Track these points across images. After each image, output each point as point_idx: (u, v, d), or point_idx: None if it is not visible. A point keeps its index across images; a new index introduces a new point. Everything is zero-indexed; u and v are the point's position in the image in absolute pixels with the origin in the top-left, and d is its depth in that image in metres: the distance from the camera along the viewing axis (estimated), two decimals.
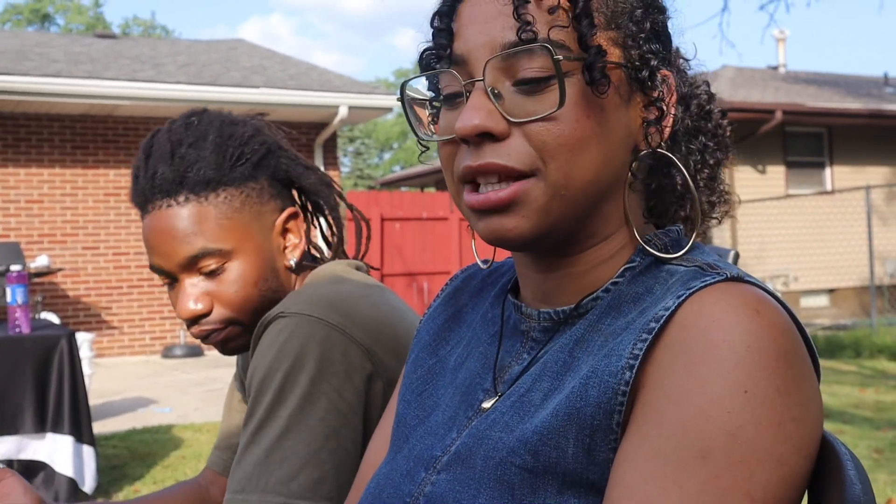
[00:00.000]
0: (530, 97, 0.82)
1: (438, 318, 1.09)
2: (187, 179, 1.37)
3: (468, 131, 0.81)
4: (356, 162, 42.34)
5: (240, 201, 1.39)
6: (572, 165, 0.81)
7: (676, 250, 0.88)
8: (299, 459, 1.19)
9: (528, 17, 0.81)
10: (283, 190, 1.48)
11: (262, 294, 1.40)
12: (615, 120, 0.84)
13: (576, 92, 0.81)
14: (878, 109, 15.54)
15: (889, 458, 5.40)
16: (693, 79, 1.00)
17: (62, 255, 11.15)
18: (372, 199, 12.04)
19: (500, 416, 0.86)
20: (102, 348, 11.25)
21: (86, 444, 4.51)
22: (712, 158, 0.98)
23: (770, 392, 0.70)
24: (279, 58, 14.23)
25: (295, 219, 1.46)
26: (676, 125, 0.92)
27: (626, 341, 0.78)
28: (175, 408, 7.66)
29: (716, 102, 1.01)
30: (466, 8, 0.87)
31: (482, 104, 0.82)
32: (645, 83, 0.86)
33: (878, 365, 9.72)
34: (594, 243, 0.89)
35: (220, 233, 1.37)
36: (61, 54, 12.15)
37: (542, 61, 0.81)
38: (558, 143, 0.81)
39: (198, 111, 1.48)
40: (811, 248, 15.09)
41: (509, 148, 0.82)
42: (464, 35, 0.85)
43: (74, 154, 11.30)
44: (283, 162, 1.48)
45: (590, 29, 0.81)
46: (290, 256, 1.45)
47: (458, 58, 0.86)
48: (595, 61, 0.80)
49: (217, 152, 1.39)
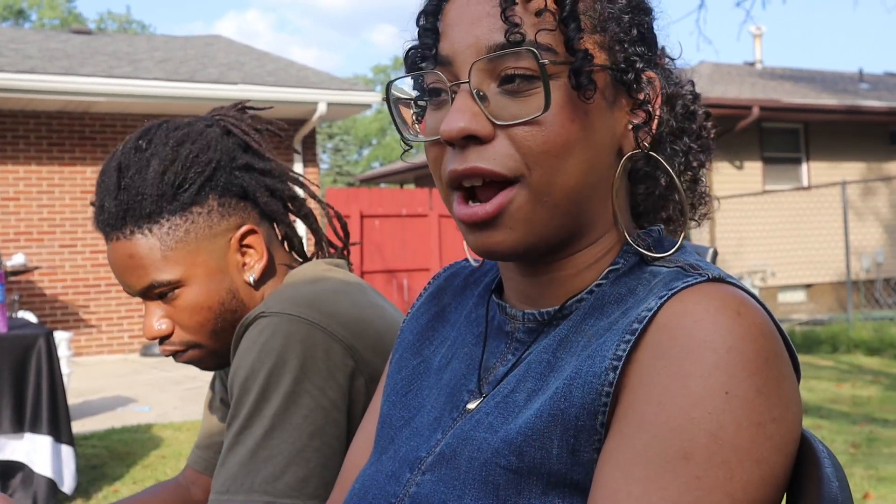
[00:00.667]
0: (515, 99, 0.82)
1: (422, 318, 1.09)
2: (130, 213, 1.37)
3: (453, 134, 0.81)
4: (335, 159, 42.20)
5: (184, 229, 1.38)
6: (556, 171, 0.82)
7: (659, 250, 0.88)
8: (284, 458, 1.20)
9: (515, 18, 0.81)
10: (240, 203, 1.44)
11: (220, 316, 1.40)
12: (600, 124, 0.84)
13: (561, 96, 0.81)
14: (854, 105, 15.66)
15: (865, 452, 5.46)
16: (678, 78, 1.00)
17: (39, 254, 11.07)
18: (351, 195, 12.01)
19: (484, 417, 0.86)
20: (80, 347, 11.18)
21: (64, 444, 4.49)
22: (695, 160, 0.98)
23: (750, 393, 0.71)
24: (257, 54, 14.17)
25: (253, 234, 1.43)
26: (662, 126, 0.92)
27: (609, 342, 0.79)
28: (154, 406, 7.62)
29: (700, 103, 1.00)
30: (453, 8, 0.86)
31: (467, 106, 0.82)
32: (630, 86, 0.86)
33: (855, 360, 9.81)
34: (581, 247, 0.89)
35: (166, 264, 1.37)
36: (36, 50, 12.04)
37: (528, 64, 0.81)
38: (542, 149, 0.81)
39: (151, 129, 1.44)
40: (788, 243, 15.19)
41: (494, 151, 0.82)
42: (450, 35, 0.85)
43: (50, 151, 11.21)
44: (235, 176, 1.43)
45: (577, 33, 0.81)
46: (249, 273, 1.43)
47: (444, 58, 0.85)
48: (582, 65, 0.80)
49: (158, 181, 1.37)
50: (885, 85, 19.17)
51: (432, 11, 0.89)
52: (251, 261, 1.43)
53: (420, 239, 12.11)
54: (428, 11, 0.89)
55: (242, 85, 11.44)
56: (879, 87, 18.68)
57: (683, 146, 0.96)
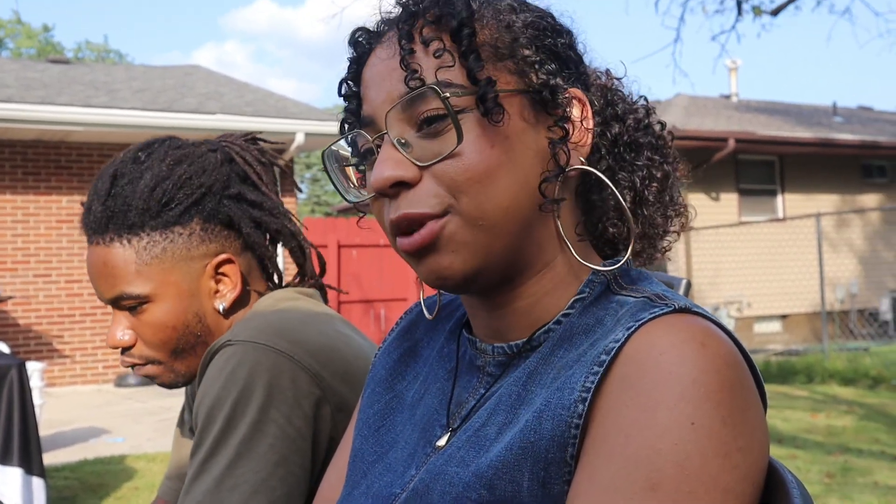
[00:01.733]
0: (434, 140, 0.84)
1: (394, 353, 1.09)
2: (113, 220, 1.39)
3: (381, 184, 0.84)
4: (313, 188, 42.19)
5: (161, 247, 1.39)
6: (483, 196, 0.83)
7: (625, 280, 0.89)
8: (250, 487, 1.19)
9: (414, 65, 0.84)
10: (224, 231, 1.45)
11: (182, 337, 1.42)
12: (523, 146, 0.85)
13: (475, 125, 0.83)
14: (828, 139, 15.85)
15: (840, 482, 5.47)
16: (628, 96, 1.01)
17: (13, 283, 10.97)
18: (329, 225, 12.00)
19: (455, 451, 0.86)
20: (54, 377, 11.06)
21: (35, 476, 4.43)
22: (660, 171, 0.98)
23: (716, 423, 0.71)
24: (236, 84, 14.19)
25: (230, 263, 1.44)
26: (598, 140, 0.94)
27: (578, 374, 0.79)
28: (128, 437, 7.55)
29: (654, 115, 1.02)
30: (367, 71, 0.91)
31: (389, 156, 0.85)
32: (548, 104, 0.87)
33: (830, 390, 9.86)
34: (534, 273, 0.89)
35: (137, 278, 1.38)
36: (13, 79, 12.01)
37: (436, 103, 0.83)
38: (466, 178, 0.83)
39: (154, 143, 1.47)
40: (764, 274, 15.30)
41: (421, 194, 0.84)
42: (368, 97, 0.89)
43: (26, 180, 11.14)
44: (224, 204, 1.45)
45: (476, 63, 0.83)
46: (220, 301, 1.44)
47: (367, 119, 0.89)
48: (486, 92, 0.82)
49: (146, 195, 1.38)
50: (859, 118, 19.45)
51: (352, 78, 0.94)
52: (224, 289, 1.44)
53: (397, 269, 12.10)
54: (347, 79, 0.95)
55: (221, 115, 11.44)
56: (853, 120, 18.95)
57: (644, 159, 0.97)
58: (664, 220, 0.99)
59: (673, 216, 1.00)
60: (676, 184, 1.01)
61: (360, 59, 0.93)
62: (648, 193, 0.97)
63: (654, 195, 0.98)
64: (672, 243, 1.02)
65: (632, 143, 0.97)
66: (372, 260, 12.01)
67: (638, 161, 0.97)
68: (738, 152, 15.04)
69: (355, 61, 0.94)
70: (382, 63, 0.88)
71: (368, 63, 0.91)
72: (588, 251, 0.94)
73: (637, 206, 0.97)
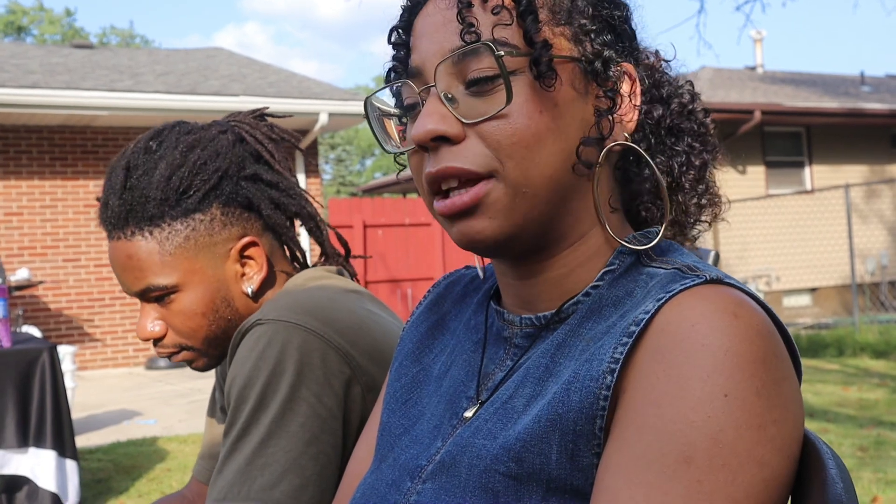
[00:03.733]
0: (482, 98, 0.83)
1: (421, 326, 1.09)
2: (133, 214, 1.38)
3: (422, 136, 0.83)
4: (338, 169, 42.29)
5: (184, 235, 1.38)
6: (529, 162, 0.82)
7: (656, 251, 0.88)
8: (281, 466, 1.19)
9: (471, 19, 0.82)
10: (245, 213, 1.44)
11: (213, 323, 1.42)
12: (571, 114, 0.84)
13: (526, 88, 0.82)
14: (856, 108, 15.66)
15: (873, 455, 5.44)
16: (675, 79, 1.00)
17: (43, 268, 11.08)
18: (354, 205, 12.02)
19: (483, 424, 0.85)
20: (85, 361, 11.18)
21: (69, 459, 4.49)
22: (698, 159, 0.97)
23: (749, 395, 0.70)
24: (258, 66, 14.20)
25: (254, 246, 1.44)
26: (643, 118, 0.93)
27: (607, 345, 0.78)
28: (159, 420, 7.62)
29: (699, 102, 1.00)
30: (420, 21, 0.89)
31: (435, 109, 0.83)
32: (599, 75, 0.86)
33: (861, 363, 9.79)
34: (568, 245, 0.89)
35: (163, 269, 1.38)
36: (38, 65, 12.08)
37: (488, 61, 0.82)
38: (512, 142, 0.81)
39: (163, 130, 1.46)
40: (792, 247, 15.18)
41: (465, 150, 0.83)
42: (418, 47, 0.88)
43: (53, 166, 11.23)
44: (241, 186, 1.44)
45: (534, 24, 0.82)
46: (247, 284, 1.44)
47: (414, 69, 0.88)
48: (541, 56, 0.81)
49: (163, 185, 1.37)
50: (887, 87, 19.18)
51: (403, 27, 0.92)
52: (250, 272, 1.44)
53: (423, 248, 12.12)
54: (399, 27, 0.93)
55: (244, 97, 11.46)
56: (881, 89, 18.69)
57: (684, 146, 0.96)
58: (697, 208, 0.98)
59: (706, 205, 0.99)
60: (714, 173, 1.00)
61: (413, 8, 0.92)
62: (685, 180, 0.96)
63: (690, 182, 0.97)
64: (702, 232, 1.01)
65: (673, 127, 0.96)
66: (398, 239, 12.04)
67: (677, 146, 0.96)
68: (765, 124, 14.89)
69: (408, 10, 0.92)
70: (439, 13, 0.86)
71: (422, 12, 0.89)
72: (622, 224, 0.93)
73: (672, 192, 0.96)
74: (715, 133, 1.01)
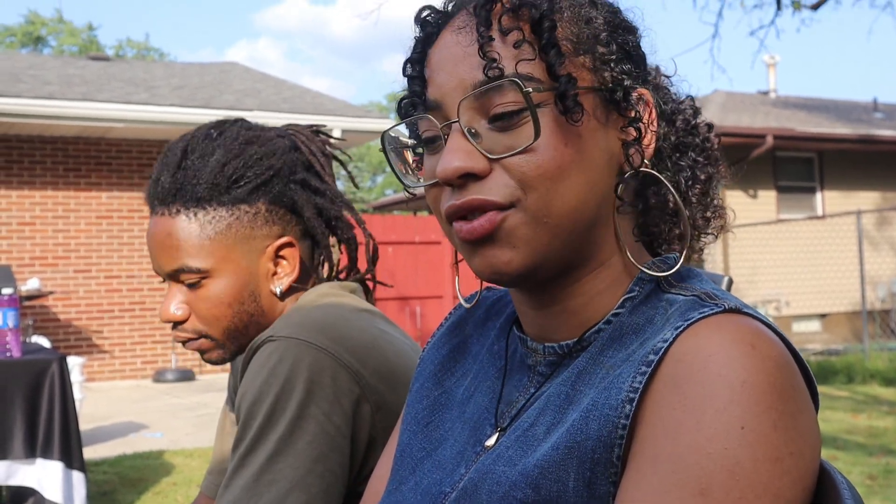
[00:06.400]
0: (506, 133, 0.83)
1: (443, 349, 1.08)
2: (182, 192, 1.41)
3: (450, 174, 0.82)
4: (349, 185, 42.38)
5: (227, 223, 1.41)
6: (553, 194, 0.82)
7: (675, 277, 0.88)
8: (288, 483, 1.19)
9: (493, 54, 0.82)
10: (287, 215, 1.47)
11: (236, 315, 1.43)
12: (594, 145, 0.84)
13: (551, 121, 0.82)
14: (868, 135, 15.63)
15: (882, 484, 5.40)
16: (677, 95, 1.00)
17: (54, 279, 11.12)
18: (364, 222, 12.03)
19: (504, 451, 0.85)
20: (93, 372, 11.20)
21: (76, 470, 4.47)
22: (703, 173, 0.97)
23: (766, 427, 0.70)
24: (272, 81, 14.27)
25: (290, 247, 1.46)
26: (660, 142, 0.92)
27: (626, 374, 0.78)
28: (166, 433, 7.62)
29: (702, 117, 1.00)
30: (435, 53, 0.88)
31: (460, 146, 0.83)
32: (620, 104, 0.86)
33: (871, 390, 9.73)
34: (588, 272, 0.88)
35: (201, 252, 1.40)
36: (54, 76, 12.16)
37: (513, 96, 0.82)
38: (538, 174, 0.81)
39: (226, 122, 1.50)
40: (803, 273, 15.13)
41: (491, 183, 0.82)
42: (436, 80, 0.87)
43: (67, 176, 11.29)
44: (290, 188, 1.47)
45: (558, 58, 0.82)
46: (277, 284, 1.45)
47: (433, 103, 0.87)
48: (567, 90, 0.81)
49: (217, 171, 1.41)
50: None
51: (417, 59, 0.91)
52: (282, 272, 1.46)
53: (433, 266, 12.12)
54: (413, 60, 0.91)
55: (258, 112, 11.51)
56: (894, 116, 18.66)
57: (689, 161, 0.96)
58: (704, 221, 0.98)
59: (712, 218, 0.99)
60: (718, 186, 1.00)
61: (427, 39, 0.91)
62: (692, 195, 0.96)
63: (696, 197, 0.97)
64: (707, 244, 1.01)
65: (679, 143, 0.96)
66: (407, 257, 12.04)
67: (682, 162, 0.96)
68: (777, 149, 14.87)
69: (422, 41, 0.92)
70: (457, 46, 0.86)
71: (437, 44, 0.89)
72: (640, 249, 0.93)
73: (676, 208, 0.95)
74: (718, 147, 1.01)
